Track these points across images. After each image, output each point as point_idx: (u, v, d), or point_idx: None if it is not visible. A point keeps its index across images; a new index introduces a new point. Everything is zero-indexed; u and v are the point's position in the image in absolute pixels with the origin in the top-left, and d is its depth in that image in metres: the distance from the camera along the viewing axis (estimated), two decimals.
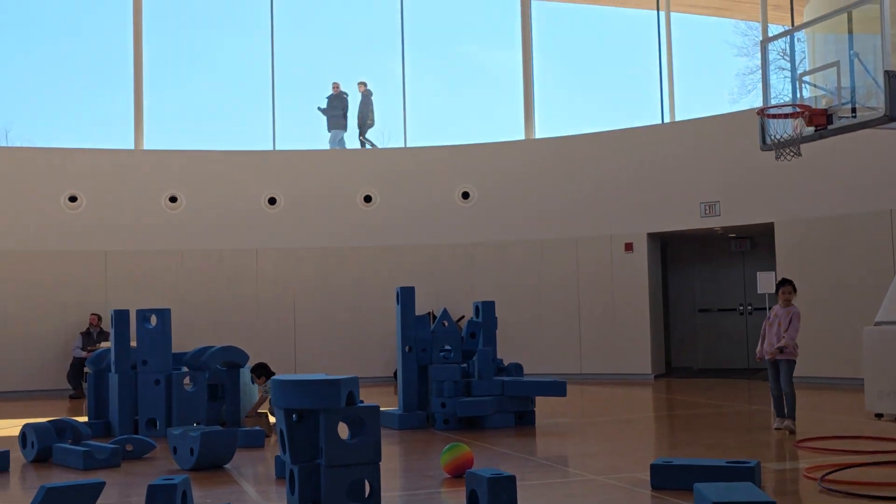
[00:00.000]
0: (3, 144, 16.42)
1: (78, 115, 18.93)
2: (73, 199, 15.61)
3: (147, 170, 16.04)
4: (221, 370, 10.39)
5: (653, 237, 15.82)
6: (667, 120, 16.86)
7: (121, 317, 10.13)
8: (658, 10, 16.99)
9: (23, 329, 15.16)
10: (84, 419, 10.07)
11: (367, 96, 17.77)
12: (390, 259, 16.36)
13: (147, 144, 16.47)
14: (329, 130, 17.64)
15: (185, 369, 10.28)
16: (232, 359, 10.45)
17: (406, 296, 10.33)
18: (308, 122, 19.23)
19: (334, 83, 17.74)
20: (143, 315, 10.16)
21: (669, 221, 15.51)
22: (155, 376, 9.94)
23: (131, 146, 16.38)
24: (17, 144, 16.94)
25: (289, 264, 16.21)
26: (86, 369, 14.43)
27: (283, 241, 16.25)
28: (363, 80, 17.83)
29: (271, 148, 16.96)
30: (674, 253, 17.79)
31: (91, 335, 15.02)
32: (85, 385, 14.59)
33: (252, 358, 10.83)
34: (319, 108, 17.65)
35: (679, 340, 17.82)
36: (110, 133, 18.23)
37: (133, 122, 16.47)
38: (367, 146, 17.61)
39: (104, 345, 14.15)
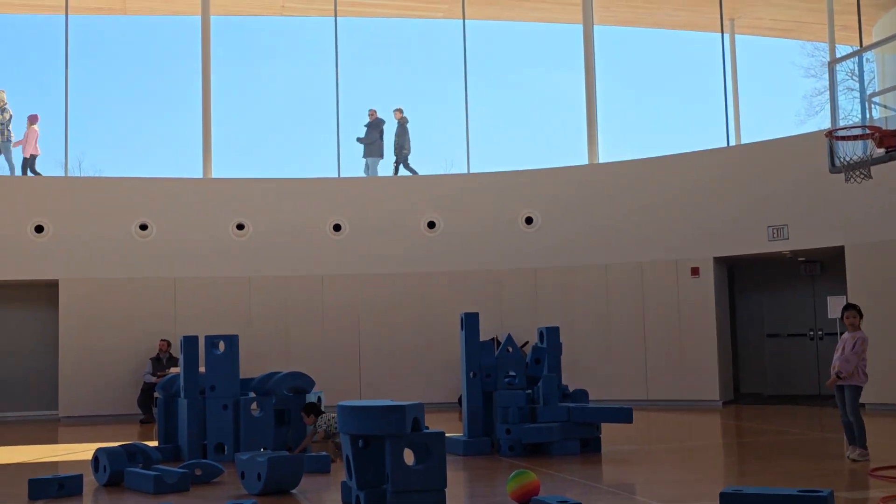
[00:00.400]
0: (77, 174, 16.82)
1: (148, 145, 19.33)
2: (143, 227, 15.92)
3: (215, 198, 16.30)
4: (288, 396, 10.48)
5: (719, 261, 15.63)
6: (732, 142, 16.70)
7: (190, 343, 10.29)
8: (722, 32, 16.87)
9: (95, 354, 15.46)
10: (154, 444, 10.23)
11: (402, 123, 17.79)
12: (454, 285, 16.39)
13: (215, 173, 16.75)
14: (364, 157, 17.70)
15: (252, 395, 10.40)
16: (298, 384, 10.55)
17: (470, 321, 10.34)
18: None
19: (371, 110, 17.81)
20: (212, 341, 10.30)
21: (736, 245, 15.31)
22: (223, 401, 10.06)
23: (200, 175, 16.67)
24: (90, 174, 17.32)
25: (354, 290, 16.33)
26: (156, 394, 14.70)
27: (348, 268, 16.38)
28: (399, 107, 17.84)
29: (336, 175, 17.15)
30: (741, 277, 17.55)
31: (161, 361, 15.27)
32: (155, 410, 14.84)
33: (318, 383, 10.92)
34: (358, 139, 17.75)
35: (748, 366, 17.54)
36: (180, 162, 18.60)
37: (202, 151, 16.77)
38: (407, 173, 17.63)
39: (173, 370, 14.38)
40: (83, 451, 11.03)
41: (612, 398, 15.02)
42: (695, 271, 15.48)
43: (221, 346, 10.32)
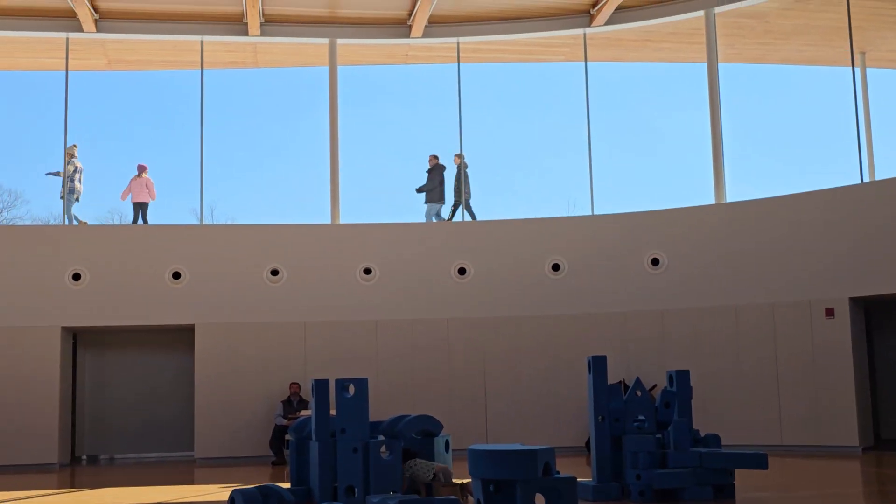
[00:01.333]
0: (209, 222, 17.43)
1: (277, 192, 19.89)
2: (274, 272, 16.35)
3: (343, 243, 16.65)
4: (416, 439, 10.56)
5: (855, 301, 15.11)
6: (866, 178, 16.19)
7: (320, 386, 10.48)
8: (853, 66, 16.45)
9: (229, 397, 15.89)
10: (287, 486, 10.43)
11: (462, 168, 17.83)
12: (580, 327, 16.29)
13: (343, 218, 17.12)
14: (426, 204, 17.75)
15: (381, 438, 10.51)
16: (426, 427, 10.62)
17: (598, 365, 10.26)
18: (494, 191, 19.56)
19: (432, 156, 17.86)
20: (342, 384, 10.47)
21: (873, 285, 14.77)
22: (353, 444, 10.19)
23: (328, 220, 17.06)
24: (222, 222, 17.92)
25: (479, 333, 16.39)
26: (287, 437, 15.00)
27: (473, 311, 16.46)
28: (460, 153, 17.89)
29: (460, 219, 17.31)
30: (879, 317, 16.92)
31: (291, 403, 15.58)
32: (286, 452, 15.14)
33: (444, 426, 10.97)
34: (418, 189, 17.82)
35: (889, 411, 16.84)
36: (308, 208, 19.09)
37: (329, 197, 17.17)
38: (466, 218, 17.63)
39: (304, 413, 14.67)
40: (218, 493, 11.32)
41: (744, 443, 14.63)
42: (829, 312, 14.99)
43: (351, 389, 10.47)
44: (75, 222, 16.88)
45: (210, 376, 15.94)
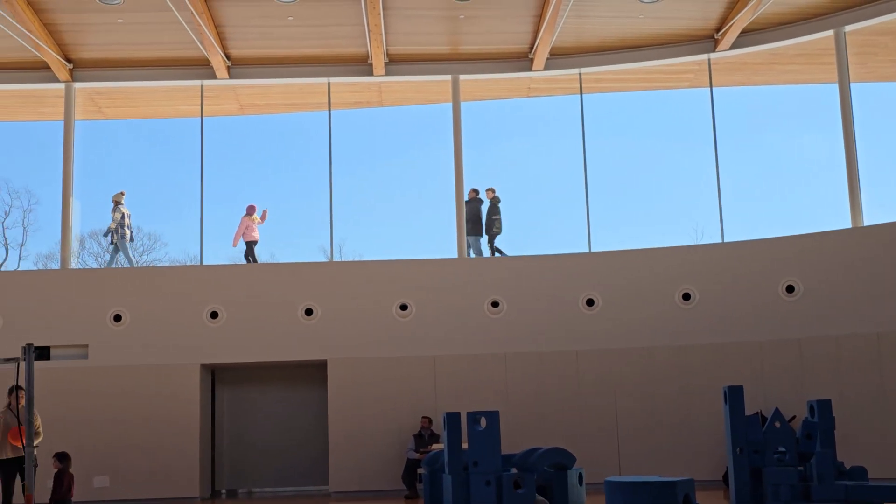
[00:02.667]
0: (338, 259, 17.79)
1: (404, 228, 20.14)
2: (403, 307, 16.55)
3: (470, 277, 16.74)
4: (549, 472, 10.50)
5: None
6: None
7: (452, 419, 10.53)
8: None
9: (361, 431, 16.10)
10: None
11: (494, 203, 17.81)
12: (713, 357, 15.94)
13: (471, 253, 17.21)
14: (467, 237, 17.67)
15: (514, 470, 10.49)
16: (559, 460, 10.55)
17: (734, 395, 10.01)
18: (618, 221, 19.40)
19: (471, 189, 17.89)
20: (474, 417, 10.50)
21: None
22: (486, 477, 10.20)
23: (455, 255, 17.17)
24: (350, 259, 18.26)
25: (609, 365, 16.21)
26: (419, 470, 15.09)
27: (602, 342, 16.31)
28: (492, 187, 17.90)
29: (587, 250, 17.21)
30: None
31: (423, 437, 15.68)
32: (419, 486, 15.23)
33: (577, 459, 10.86)
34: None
35: None
36: (435, 243, 19.28)
37: (455, 232, 17.30)
38: (496, 254, 17.56)
39: (436, 446, 14.73)
40: None
41: (892, 475, 14.02)
42: None
43: (483, 421, 10.50)
44: (128, 264, 17.61)
45: (343, 411, 16.19)
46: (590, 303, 16.51)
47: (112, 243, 17.78)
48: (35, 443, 11.17)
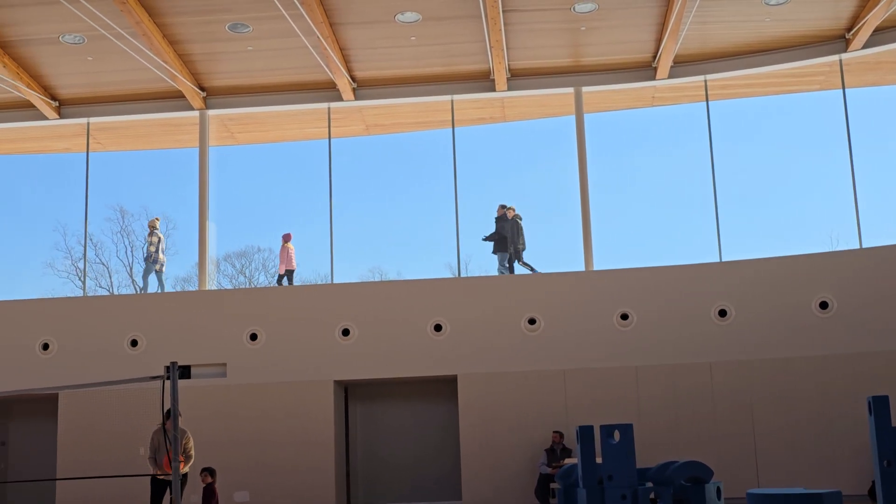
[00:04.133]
0: (465, 275, 17.90)
1: (530, 243, 20.14)
2: (532, 321, 16.53)
3: (598, 290, 16.62)
4: (686, 485, 10.32)
5: None
6: None
7: (586, 433, 10.47)
8: None
9: (492, 446, 16.12)
10: None
11: (516, 220, 17.75)
12: (854, 367, 15.41)
13: (596, 265, 17.11)
14: (494, 253, 17.75)
15: (649, 484, 10.35)
16: (696, 474, 10.35)
17: (879, 406, 9.64)
18: (748, 229, 18.98)
19: (500, 206, 17.91)
20: (607, 431, 10.41)
21: None
22: (621, 491, 10.09)
23: (582, 268, 17.10)
24: (475, 275, 18.34)
25: (744, 377, 15.83)
26: (552, 485, 15.03)
27: (737, 354, 15.94)
28: (512, 206, 17.90)
29: (717, 259, 16.88)
30: None
31: (555, 452, 15.60)
32: (552, 500, 15.16)
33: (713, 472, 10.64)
34: (485, 238, 17.85)
35: None
36: (561, 257, 19.22)
37: (582, 245, 17.22)
38: (525, 270, 17.51)
39: (568, 461, 14.65)
40: None
41: None
42: None
43: (616, 435, 10.40)
44: (159, 289, 18.15)
45: (474, 426, 16.25)
46: (722, 313, 16.17)
47: (157, 269, 18.40)
48: (186, 467, 11.58)
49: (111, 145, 19.60)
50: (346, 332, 16.72)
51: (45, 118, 18.26)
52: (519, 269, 17.79)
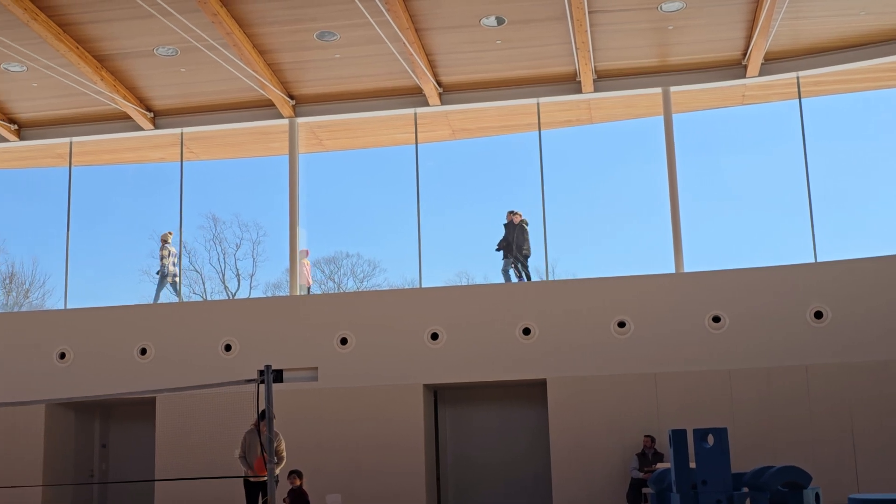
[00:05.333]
0: (552, 278, 17.81)
1: (618, 245, 19.96)
2: (621, 324, 16.37)
3: (689, 292, 16.38)
4: (783, 491, 10.09)
5: None
6: None
7: (679, 437, 10.31)
8: None
9: (583, 451, 16.00)
10: None
11: (522, 226, 17.61)
12: None
13: (687, 267, 16.87)
14: (504, 259, 17.72)
15: (745, 490, 10.15)
16: (794, 479, 10.11)
17: None
18: (845, 229, 18.50)
19: (508, 211, 17.85)
20: (701, 434, 10.24)
21: None
22: (716, 496, 9.91)
23: (672, 269, 16.88)
24: (562, 277, 18.25)
25: (842, 379, 15.43)
26: (644, 489, 14.86)
27: (834, 356, 15.55)
28: (518, 211, 17.78)
29: (812, 260, 16.51)
30: None
31: (646, 456, 15.42)
32: None
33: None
34: (498, 247, 17.78)
35: None
36: (651, 258, 19.01)
37: (672, 246, 17.00)
38: (523, 278, 17.46)
39: (660, 465, 14.47)
40: None
41: None
42: None
43: (710, 439, 10.22)
44: (175, 299, 18.51)
45: (564, 430, 16.16)
46: (818, 315, 15.80)
47: (170, 282, 18.75)
48: (278, 468, 11.77)
49: (204, 154, 20.04)
50: (434, 336, 16.79)
51: (141, 129, 18.76)
52: (525, 275, 17.90)
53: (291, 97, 18.12)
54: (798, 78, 17.21)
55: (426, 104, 17.92)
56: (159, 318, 17.67)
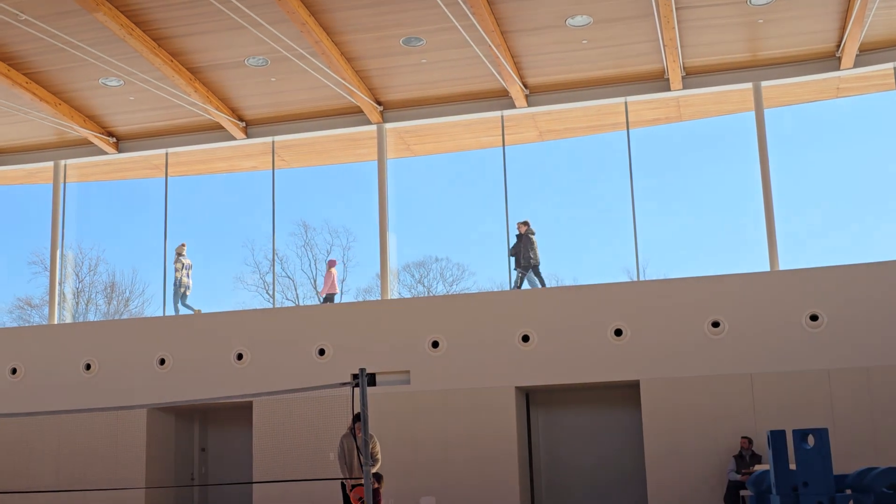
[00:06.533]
0: (643, 279, 17.60)
1: (710, 243, 19.65)
2: (715, 324, 16.12)
3: (785, 290, 16.05)
4: (888, 493, 9.83)
5: None
6: None
7: (778, 438, 10.12)
8: None
9: (678, 453, 15.79)
10: None
11: (527, 236, 17.66)
12: None
13: (782, 265, 16.53)
14: (515, 269, 17.77)
15: (848, 492, 9.91)
16: None
17: None
18: None
19: (519, 223, 17.95)
20: (800, 435, 10.04)
21: None
22: (818, 498, 9.70)
23: (767, 268, 16.55)
24: (654, 278, 18.02)
25: None
26: (742, 492, 14.61)
27: None
28: (525, 221, 17.86)
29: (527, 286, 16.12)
30: None
31: (744, 458, 15.15)
32: None
33: None
34: (510, 254, 17.87)
35: None
36: (744, 257, 18.68)
37: (766, 244, 16.68)
38: (526, 285, 17.55)
39: (759, 467, 14.21)
40: None
41: None
42: None
43: (811, 440, 10.01)
44: (188, 311, 18.81)
45: (658, 432, 15.97)
46: None
47: (183, 292, 19.09)
48: (375, 468, 11.87)
49: (294, 162, 20.36)
50: (525, 339, 16.76)
51: (234, 138, 19.15)
52: (534, 282, 17.87)
53: (379, 103, 18.29)
54: (895, 68, 16.73)
55: (513, 106, 17.91)
56: (254, 324, 18.00)
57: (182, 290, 19.24)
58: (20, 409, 17.80)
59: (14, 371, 18.70)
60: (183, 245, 19.56)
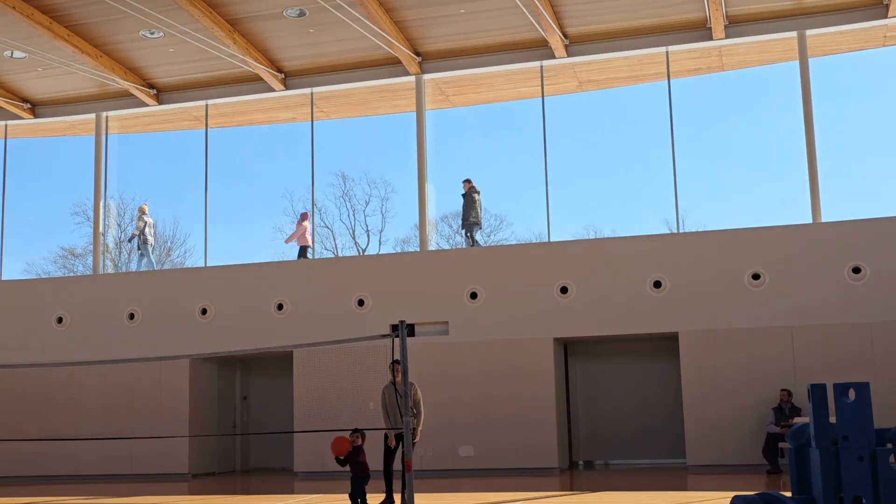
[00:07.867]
0: (682, 230, 17.50)
1: (751, 195, 19.47)
2: (755, 276, 16.02)
3: (826, 243, 15.90)
4: None
5: None
6: None
7: (818, 391, 10.06)
8: None
9: (717, 404, 15.80)
10: (788, 494, 10.14)
11: (470, 195, 17.83)
12: None
13: (824, 216, 16.35)
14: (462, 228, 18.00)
15: (889, 446, 9.86)
16: None
17: None
18: None
19: (465, 181, 18.18)
20: (841, 389, 9.98)
21: None
22: (857, 452, 9.66)
23: (809, 220, 16.38)
24: (693, 230, 17.90)
25: None
26: (781, 444, 14.60)
27: None
28: (468, 178, 18.01)
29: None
30: None
31: (783, 411, 15.13)
32: (781, 460, 14.74)
33: None
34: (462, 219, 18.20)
35: None
36: (786, 208, 18.50)
37: (809, 195, 16.49)
38: (470, 244, 17.78)
39: (798, 420, 14.18)
40: (716, 500, 11.31)
41: None
42: None
43: (851, 393, 9.95)
44: (151, 267, 19.41)
45: (696, 384, 15.97)
46: None
47: (138, 249, 19.67)
48: (419, 421, 11.96)
49: (333, 113, 20.35)
50: (564, 290, 16.76)
51: (273, 90, 19.16)
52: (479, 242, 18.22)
53: (417, 54, 18.20)
54: None
55: (552, 57, 17.74)
56: (294, 275, 18.15)
57: (149, 247, 19.82)
58: (66, 359, 18.14)
59: (60, 320, 19.03)
60: (145, 204, 20.09)
